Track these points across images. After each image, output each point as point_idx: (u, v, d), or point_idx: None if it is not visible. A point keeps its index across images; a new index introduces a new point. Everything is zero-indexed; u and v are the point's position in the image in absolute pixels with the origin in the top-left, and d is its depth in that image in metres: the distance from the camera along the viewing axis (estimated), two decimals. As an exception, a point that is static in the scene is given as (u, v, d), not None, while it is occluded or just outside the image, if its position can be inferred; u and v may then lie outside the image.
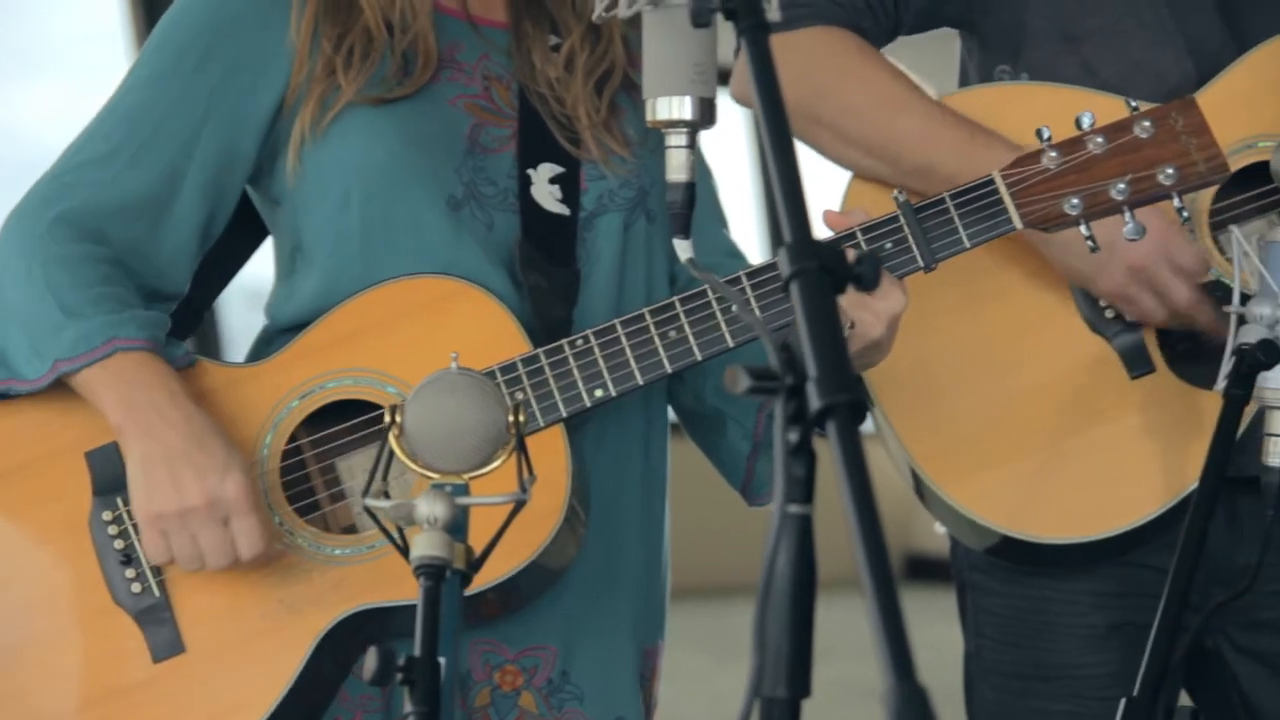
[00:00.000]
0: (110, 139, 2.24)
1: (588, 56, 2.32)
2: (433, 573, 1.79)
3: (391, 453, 1.86)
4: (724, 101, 1.95)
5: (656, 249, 2.34)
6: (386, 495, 1.87)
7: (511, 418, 1.84)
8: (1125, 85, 2.49)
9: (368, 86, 2.23)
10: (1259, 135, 2.50)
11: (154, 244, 2.24)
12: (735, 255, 2.40)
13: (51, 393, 2.19)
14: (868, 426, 2.50)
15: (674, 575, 2.44)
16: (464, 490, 1.83)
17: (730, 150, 9.60)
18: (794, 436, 1.51)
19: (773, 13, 1.77)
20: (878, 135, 2.54)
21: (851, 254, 1.54)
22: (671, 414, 2.41)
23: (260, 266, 2.46)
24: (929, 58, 3.01)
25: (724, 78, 1.90)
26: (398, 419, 1.84)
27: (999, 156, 2.36)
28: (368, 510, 1.85)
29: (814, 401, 1.45)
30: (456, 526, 1.81)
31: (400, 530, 1.85)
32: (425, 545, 1.80)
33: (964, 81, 2.71)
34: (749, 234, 10.42)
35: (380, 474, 1.85)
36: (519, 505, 1.85)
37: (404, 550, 1.83)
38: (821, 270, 1.52)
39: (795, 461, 1.51)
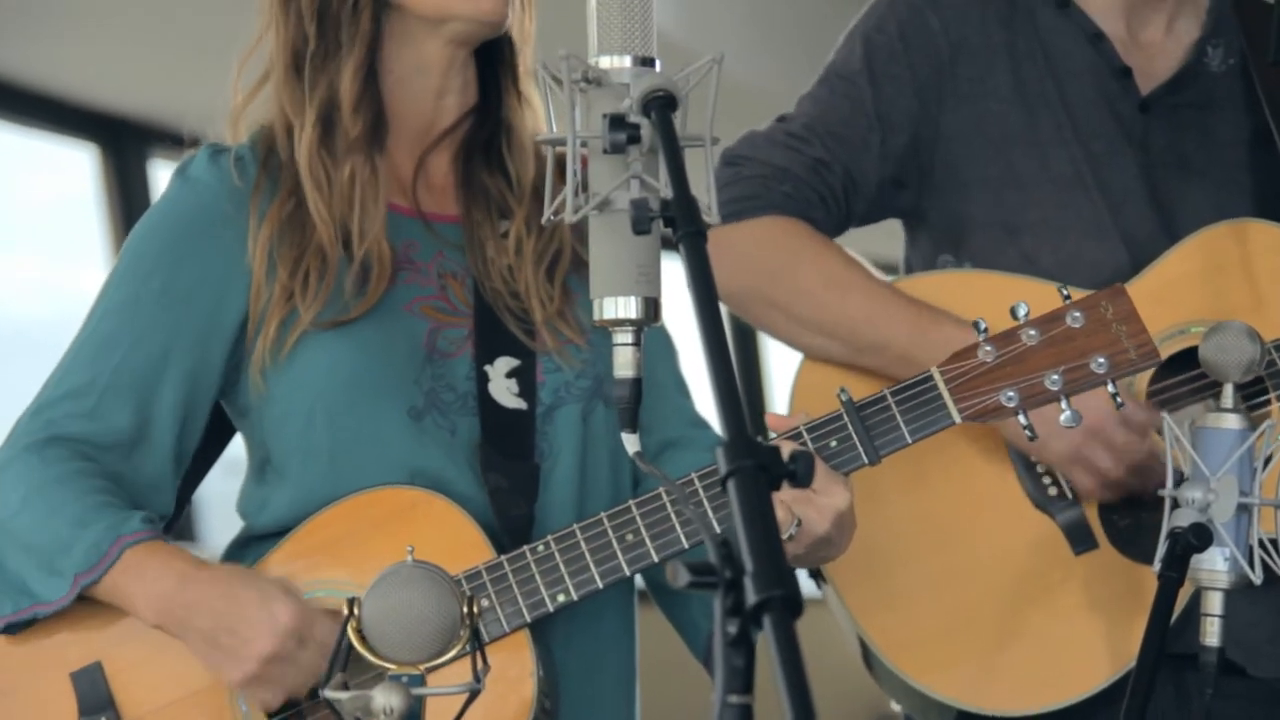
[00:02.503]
0: (85, 372, 2.30)
1: (536, 241, 2.37)
2: (390, 765, 1.84)
3: (350, 644, 1.90)
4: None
5: (618, 433, 2.38)
6: (346, 686, 1.91)
7: (466, 609, 1.89)
8: (1063, 274, 2.58)
9: (325, 310, 2.28)
10: (1191, 321, 2.59)
11: (135, 474, 2.30)
12: (699, 425, 2.46)
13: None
14: (814, 592, 2.58)
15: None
16: (420, 681, 1.88)
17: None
18: (733, 629, 1.56)
19: (711, 218, 1.85)
20: (830, 316, 2.64)
21: (787, 451, 1.60)
22: (640, 582, 2.46)
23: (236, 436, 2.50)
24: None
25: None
26: (355, 611, 1.89)
27: (948, 333, 2.45)
28: (327, 702, 1.90)
29: (751, 595, 1.51)
30: (412, 717, 1.85)
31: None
32: (383, 737, 1.85)
33: (908, 270, 2.80)
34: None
35: (338, 665, 1.90)
36: (473, 695, 1.90)
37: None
38: (757, 468, 1.58)
39: (734, 652, 1.57)
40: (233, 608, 2.20)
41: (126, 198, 8.06)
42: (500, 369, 2.33)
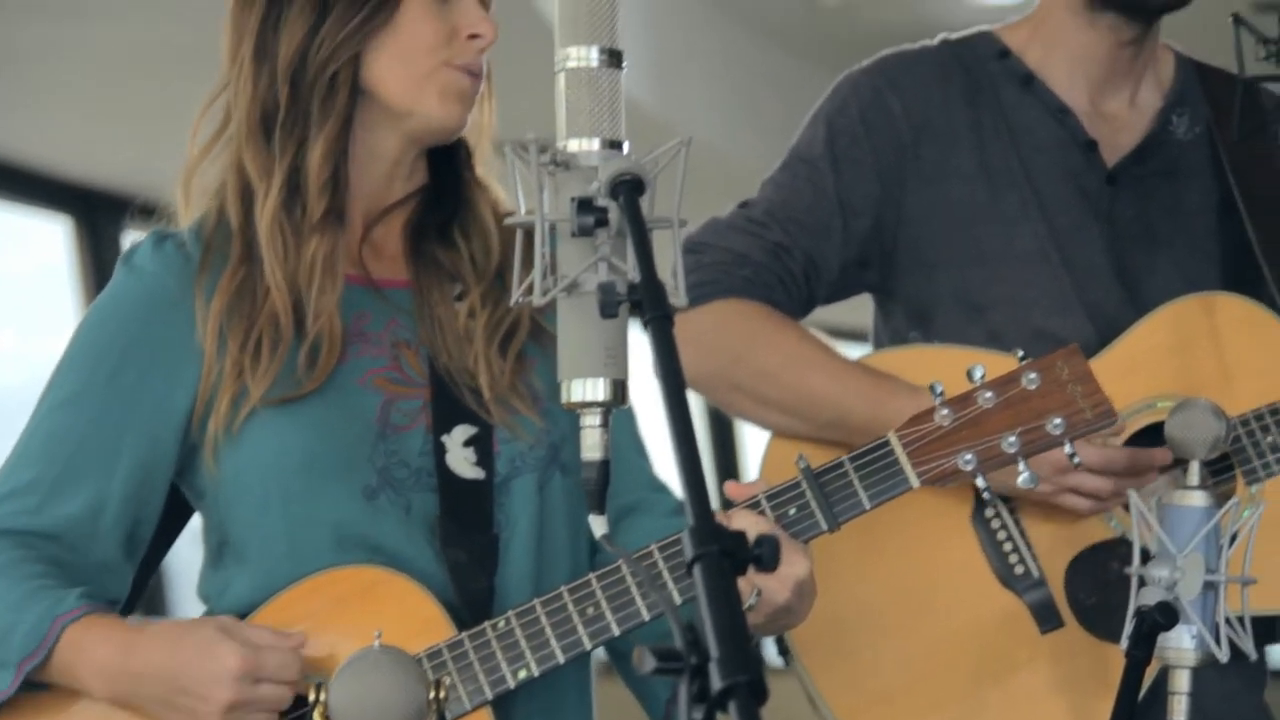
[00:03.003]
0: (32, 467, 2.29)
1: (489, 316, 2.36)
2: None
3: (319, 729, 1.91)
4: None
5: (576, 501, 2.38)
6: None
7: (432, 694, 1.89)
8: (1030, 350, 2.59)
9: (275, 386, 2.27)
10: (1157, 395, 2.60)
11: (83, 559, 2.28)
12: (659, 489, 2.45)
13: None
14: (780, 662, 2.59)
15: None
16: (388, 764, 1.88)
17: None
18: (698, 715, 1.57)
19: (678, 300, 1.86)
20: (791, 395, 2.66)
21: (753, 534, 1.61)
22: (600, 651, 2.46)
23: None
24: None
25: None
26: (322, 697, 1.89)
27: (903, 403, 2.47)
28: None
29: (716, 681, 1.51)
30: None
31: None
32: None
33: (877, 344, 2.82)
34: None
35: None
36: (440, 777, 1.90)
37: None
38: (722, 554, 1.59)
39: (701, 737, 1.57)
40: (178, 667, 2.18)
41: (100, 268, 8.07)
42: (458, 438, 2.33)
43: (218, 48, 2.37)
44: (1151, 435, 2.58)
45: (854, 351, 3.04)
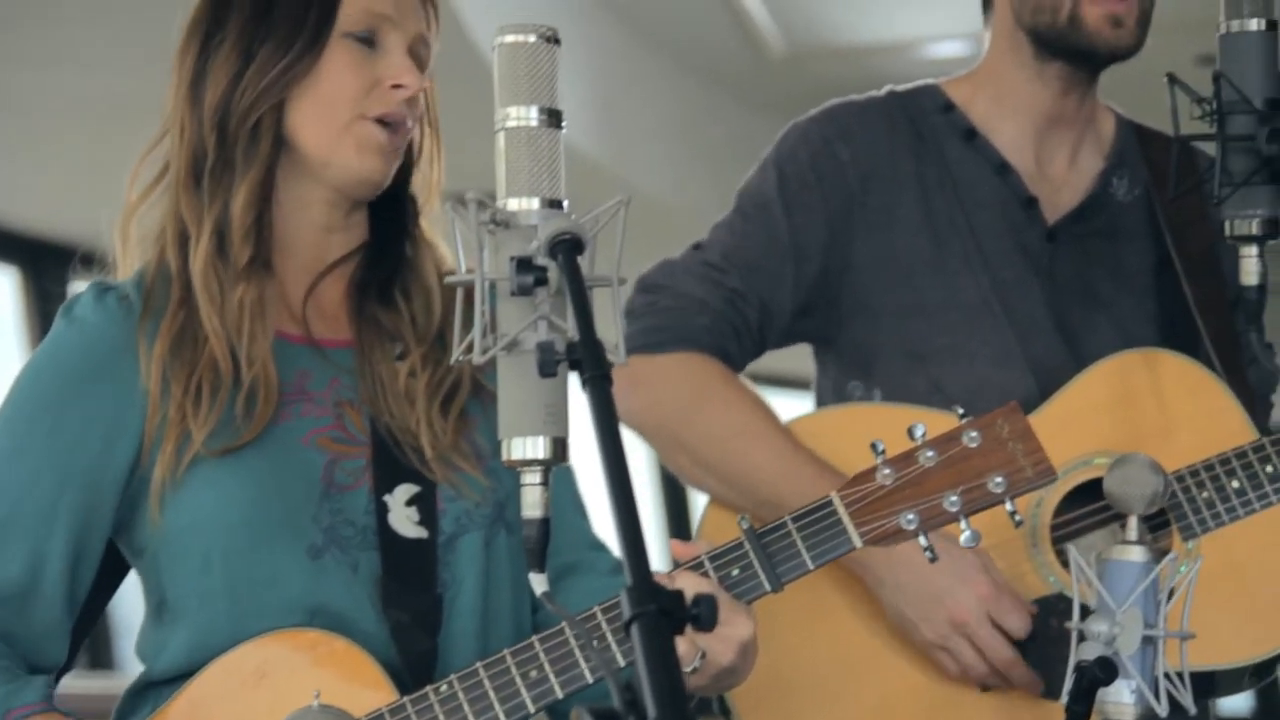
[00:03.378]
0: None
1: (430, 376, 2.36)
2: None
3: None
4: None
5: (521, 559, 2.35)
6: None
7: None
8: (971, 401, 2.59)
9: (215, 436, 2.26)
10: (1095, 451, 2.62)
11: (27, 628, 2.27)
12: (598, 547, 2.45)
13: None
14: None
15: None
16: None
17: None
18: (636, 774, 1.57)
19: (618, 359, 1.87)
20: (733, 466, 2.67)
21: (691, 593, 1.61)
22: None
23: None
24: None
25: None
26: (261, 757, 1.88)
27: None
28: None
29: (653, 741, 1.52)
30: None
31: None
32: None
33: (818, 394, 2.83)
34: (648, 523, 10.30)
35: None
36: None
37: None
38: (660, 613, 1.60)
39: (639, 797, 1.58)
40: None
41: (47, 319, 8.02)
42: (400, 497, 2.32)
43: (164, 99, 2.37)
44: (1088, 492, 2.59)
45: (795, 402, 3.05)
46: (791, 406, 2.85)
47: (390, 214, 2.40)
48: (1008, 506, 2.26)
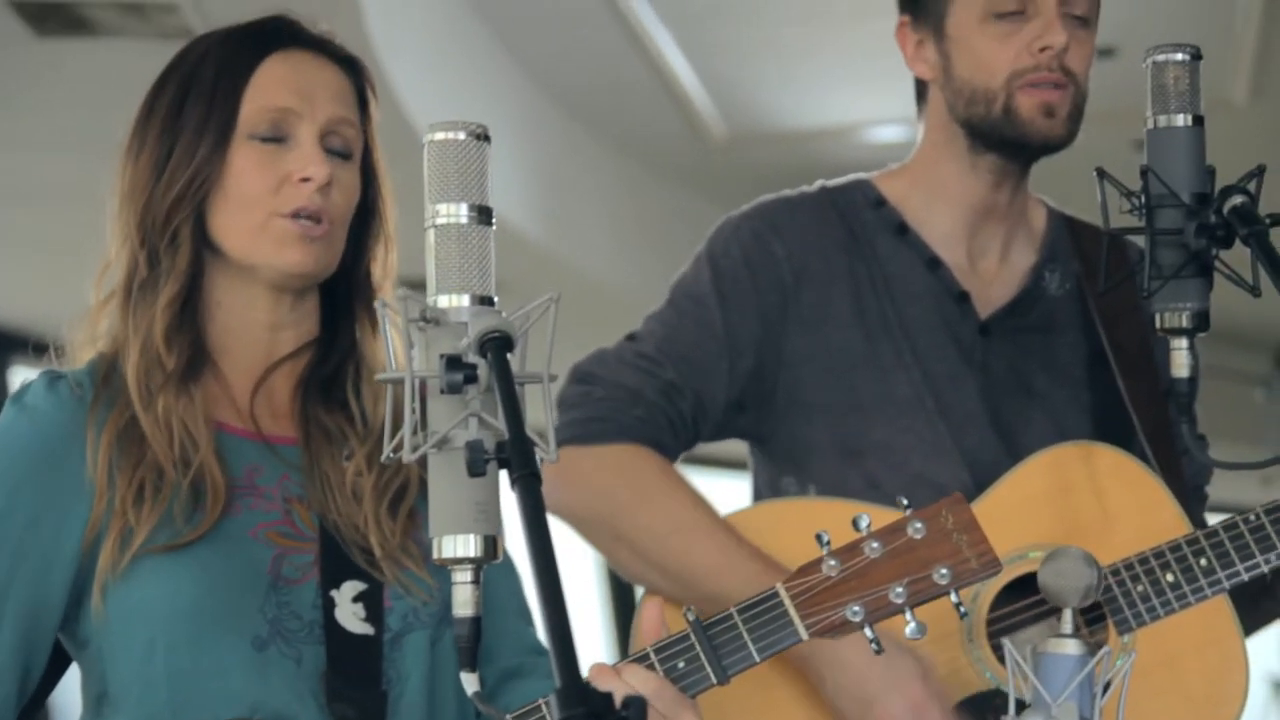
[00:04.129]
0: None
1: (377, 476, 2.35)
2: None
3: None
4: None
5: None
6: None
7: None
8: (907, 496, 2.60)
9: (160, 531, 2.25)
10: (1031, 545, 2.62)
11: None
12: (540, 652, 2.44)
13: None
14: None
15: None
16: None
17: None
18: None
19: (549, 456, 1.86)
20: (674, 560, 2.66)
21: (643, 686, 1.60)
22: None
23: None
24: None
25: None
26: None
27: None
28: None
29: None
30: None
31: None
32: None
33: (755, 489, 2.82)
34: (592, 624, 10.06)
35: None
36: None
37: None
38: (590, 715, 1.59)
39: None
40: None
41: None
42: (346, 594, 2.31)
43: (109, 185, 2.38)
44: (1024, 585, 2.60)
45: (732, 483, 3.05)
46: (728, 488, 2.85)
47: (342, 300, 2.40)
48: (953, 598, 2.26)
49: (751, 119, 8.06)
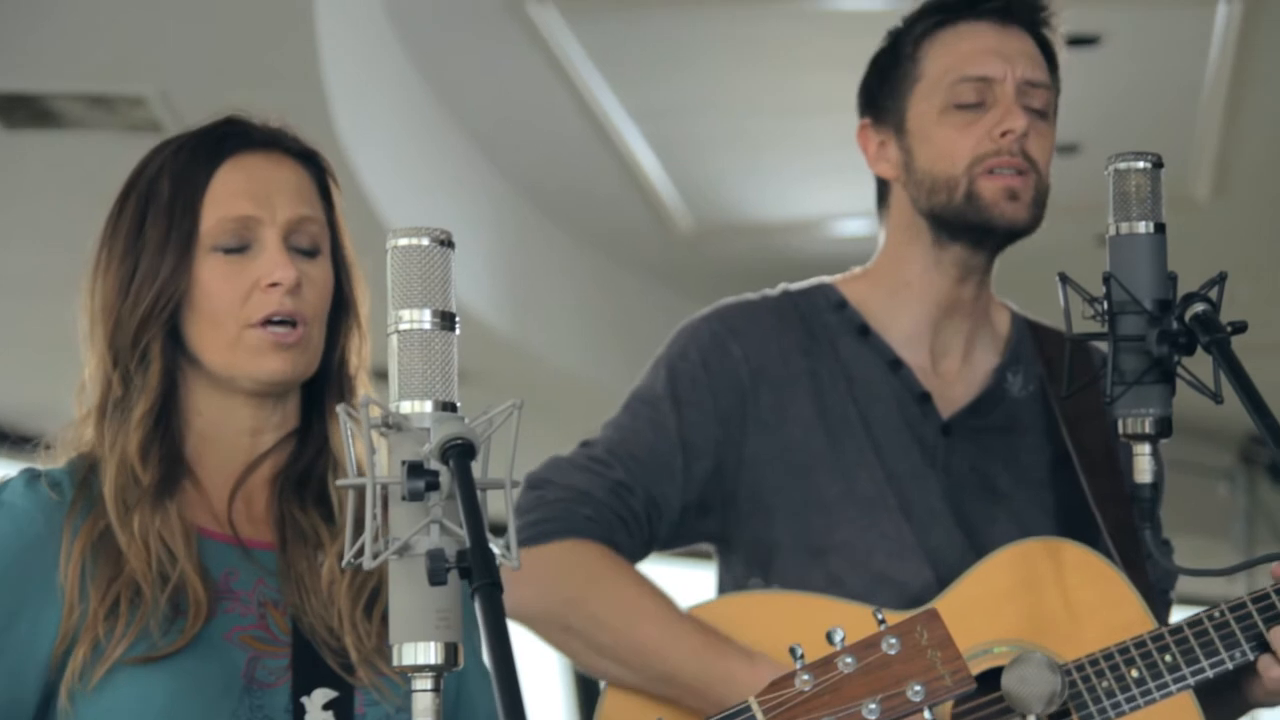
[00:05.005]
0: None
1: (352, 579, 2.32)
2: None
3: None
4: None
5: None
6: None
7: None
8: (870, 595, 2.61)
9: (136, 644, 2.22)
10: (995, 641, 2.62)
11: None
12: None
13: None
14: None
15: None
16: None
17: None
18: None
19: (511, 563, 1.86)
20: (624, 644, 2.67)
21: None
22: None
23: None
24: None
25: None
26: None
27: (732, 666, 2.49)
28: None
29: None
30: None
31: None
32: None
33: (720, 590, 2.82)
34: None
35: None
36: None
37: None
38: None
39: None
40: None
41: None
42: (317, 700, 2.29)
43: (77, 288, 2.36)
44: (989, 680, 2.59)
45: (701, 573, 3.04)
46: (696, 578, 2.85)
47: (318, 394, 2.38)
48: (925, 715, 2.25)
49: (718, 212, 8.10)
